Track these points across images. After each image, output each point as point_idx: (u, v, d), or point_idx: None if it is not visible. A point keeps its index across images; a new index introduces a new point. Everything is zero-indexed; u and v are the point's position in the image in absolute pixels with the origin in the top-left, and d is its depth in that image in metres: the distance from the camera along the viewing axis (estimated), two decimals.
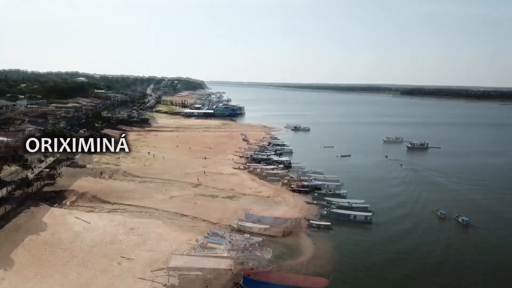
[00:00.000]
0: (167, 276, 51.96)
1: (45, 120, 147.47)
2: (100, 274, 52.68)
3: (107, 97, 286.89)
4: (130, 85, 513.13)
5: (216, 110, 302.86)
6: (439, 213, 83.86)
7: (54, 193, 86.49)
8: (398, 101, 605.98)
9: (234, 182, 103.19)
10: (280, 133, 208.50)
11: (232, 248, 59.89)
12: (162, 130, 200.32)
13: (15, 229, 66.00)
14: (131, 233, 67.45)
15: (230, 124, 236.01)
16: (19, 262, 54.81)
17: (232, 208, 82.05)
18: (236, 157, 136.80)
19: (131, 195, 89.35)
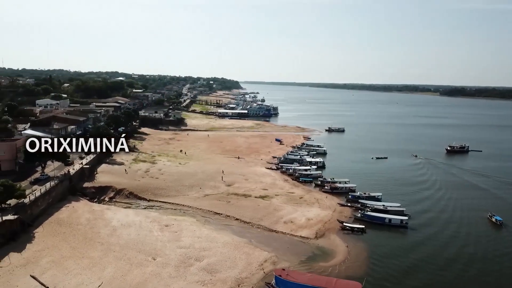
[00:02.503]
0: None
1: (86, 118, 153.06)
2: (135, 269, 54.26)
3: (144, 97, 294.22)
4: (166, 84, 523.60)
5: (250, 110, 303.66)
6: (494, 219, 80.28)
7: (93, 189, 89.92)
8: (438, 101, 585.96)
9: (267, 182, 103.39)
10: (314, 134, 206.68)
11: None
12: (196, 130, 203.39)
13: (57, 223, 69.12)
14: (166, 229, 69.03)
15: (263, 125, 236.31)
16: (61, 254, 57.33)
17: (264, 208, 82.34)
18: (269, 157, 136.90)
19: (166, 192, 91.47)
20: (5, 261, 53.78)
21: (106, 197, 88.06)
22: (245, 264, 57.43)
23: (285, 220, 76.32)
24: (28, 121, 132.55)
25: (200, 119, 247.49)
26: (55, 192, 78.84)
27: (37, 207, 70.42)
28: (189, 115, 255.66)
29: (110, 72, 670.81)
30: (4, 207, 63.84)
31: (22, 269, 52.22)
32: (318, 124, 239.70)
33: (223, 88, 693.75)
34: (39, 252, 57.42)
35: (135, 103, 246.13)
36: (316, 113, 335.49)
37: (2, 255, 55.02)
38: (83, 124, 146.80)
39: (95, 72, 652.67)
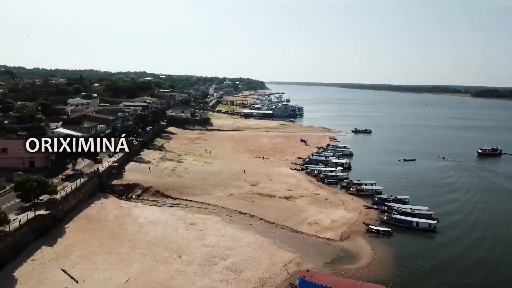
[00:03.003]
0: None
1: (115, 117, 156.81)
2: (161, 266, 55.14)
3: (171, 96, 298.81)
4: (193, 84, 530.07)
5: (275, 110, 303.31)
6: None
7: (121, 186, 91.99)
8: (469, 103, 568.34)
9: (291, 182, 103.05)
10: (340, 135, 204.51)
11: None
12: (222, 130, 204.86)
13: (87, 218, 71.10)
14: (191, 228, 69.86)
15: (288, 125, 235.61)
16: (90, 249, 58.92)
17: (289, 209, 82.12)
18: (294, 158, 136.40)
19: (192, 191, 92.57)
20: (37, 254, 55.70)
21: (133, 194, 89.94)
22: (269, 264, 57.43)
23: (310, 222, 75.86)
24: (60, 120, 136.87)
25: (225, 119, 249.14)
26: (85, 189, 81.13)
27: (68, 203, 72.68)
28: (215, 115, 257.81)
29: (138, 72, 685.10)
30: (37, 202, 66.11)
31: (53, 262, 53.95)
32: (344, 125, 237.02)
33: (249, 88, 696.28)
34: (69, 246, 59.18)
35: (163, 102, 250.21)
36: (342, 113, 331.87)
37: (35, 249, 56.99)
38: (112, 123, 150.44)
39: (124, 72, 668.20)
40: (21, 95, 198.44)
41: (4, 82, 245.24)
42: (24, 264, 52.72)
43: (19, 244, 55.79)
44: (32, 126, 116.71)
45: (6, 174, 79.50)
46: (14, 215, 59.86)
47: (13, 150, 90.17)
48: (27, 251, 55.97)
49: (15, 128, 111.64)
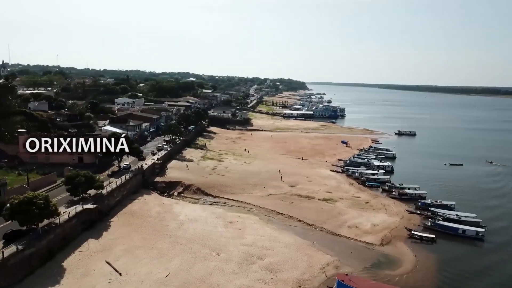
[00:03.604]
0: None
1: (159, 116, 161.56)
2: (200, 262, 56.17)
3: (213, 97, 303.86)
4: (234, 85, 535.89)
5: (316, 111, 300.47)
6: None
7: (164, 183, 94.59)
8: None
9: (331, 185, 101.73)
10: (383, 137, 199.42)
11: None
12: (261, 130, 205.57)
13: (130, 214, 73.73)
14: (230, 226, 70.68)
15: (329, 126, 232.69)
16: (133, 243, 61.03)
17: (328, 211, 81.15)
18: (334, 159, 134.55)
19: (231, 190, 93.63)
20: (84, 246, 58.42)
21: (175, 191, 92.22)
22: (306, 266, 57.03)
23: (349, 225, 74.58)
24: (107, 118, 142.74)
25: (265, 120, 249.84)
26: (129, 185, 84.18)
27: (113, 198, 75.71)
28: (255, 115, 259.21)
29: (182, 73, 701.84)
30: (85, 197, 69.34)
31: (98, 254, 56.36)
32: (387, 127, 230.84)
33: (289, 89, 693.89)
34: (114, 240, 61.60)
35: (205, 103, 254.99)
36: (385, 115, 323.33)
37: (82, 241, 59.82)
38: (156, 122, 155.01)
39: (168, 72, 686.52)
40: (72, 94, 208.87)
41: (57, 82, 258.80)
42: (72, 255, 55.43)
43: (67, 235, 58.75)
44: (82, 123, 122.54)
45: (58, 169, 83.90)
46: (63, 208, 63.08)
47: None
48: (74, 243, 58.81)
49: (66, 126, 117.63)
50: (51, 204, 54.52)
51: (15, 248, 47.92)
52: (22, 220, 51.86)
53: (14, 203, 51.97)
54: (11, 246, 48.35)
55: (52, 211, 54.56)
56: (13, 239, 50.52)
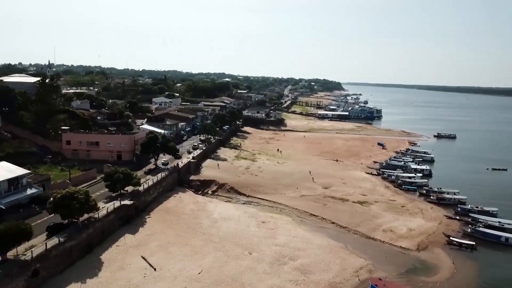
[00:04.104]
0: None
1: (195, 116, 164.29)
2: (232, 261, 56.69)
3: (248, 97, 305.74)
4: (269, 85, 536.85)
5: (351, 112, 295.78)
6: None
7: (198, 182, 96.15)
8: None
9: (366, 187, 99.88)
10: (421, 139, 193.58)
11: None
12: (295, 130, 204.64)
13: (165, 211, 75.44)
14: (262, 226, 70.87)
15: (365, 128, 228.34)
16: (167, 240, 62.43)
17: (362, 214, 79.75)
18: (369, 162, 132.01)
19: (264, 189, 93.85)
20: (121, 240, 60.34)
21: (209, 190, 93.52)
22: (339, 268, 56.31)
23: (384, 228, 72.96)
24: (145, 117, 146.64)
25: (299, 120, 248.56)
26: (165, 183, 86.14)
27: (149, 195, 77.73)
28: (289, 116, 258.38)
29: (217, 74, 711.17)
30: (123, 193, 71.57)
31: (134, 249, 58.06)
32: (426, 129, 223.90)
33: (324, 89, 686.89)
34: (149, 236, 63.25)
35: (239, 103, 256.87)
36: (424, 117, 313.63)
37: (119, 235, 61.81)
38: (192, 121, 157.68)
39: (204, 73, 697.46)
40: (112, 94, 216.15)
41: (98, 82, 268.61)
42: (110, 248, 57.41)
43: (106, 230, 60.91)
44: (121, 122, 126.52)
45: (97, 165, 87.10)
46: (102, 203, 65.36)
47: (103, 143, 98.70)
48: (112, 237, 60.85)
49: (106, 124, 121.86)
50: (91, 199, 56.65)
51: (57, 240, 50.24)
52: (64, 213, 54.23)
53: (57, 197, 54.43)
54: (53, 238, 50.75)
55: (92, 206, 56.68)
56: (55, 231, 53.00)
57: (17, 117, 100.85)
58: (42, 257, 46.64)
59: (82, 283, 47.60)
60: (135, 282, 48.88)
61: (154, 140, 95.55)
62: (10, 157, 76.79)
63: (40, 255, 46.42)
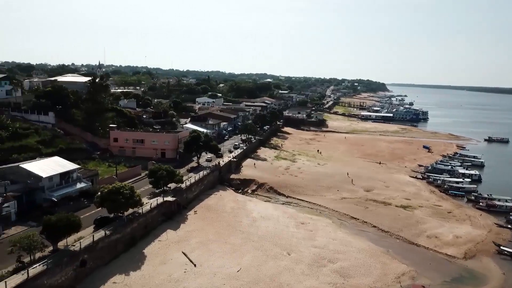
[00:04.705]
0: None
1: (236, 116, 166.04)
2: (271, 261, 56.75)
3: (289, 98, 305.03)
4: (310, 86, 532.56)
5: (396, 114, 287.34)
6: None
7: (239, 181, 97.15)
8: None
9: (410, 191, 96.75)
10: (470, 143, 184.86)
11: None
12: (337, 131, 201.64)
13: (206, 208, 76.80)
14: (302, 227, 70.45)
15: (410, 130, 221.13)
16: (207, 237, 63.51)
17: (405, 219, 77.32)
18: (414, 165, 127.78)
19: (303, 190, 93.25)
20: (163, 236, 62.08)
21: (249, 189, 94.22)
22: (380, 273, 54.93)
23: (429, 234, 70.36)
24: (188, 116, 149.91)
25: (341, 121, 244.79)
26: (206, 181, 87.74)
27: (191, 192, 79.48)
28: (330, 117, 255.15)
29: (259, 74, 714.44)
30: (166, 189, 73.61)
31: (176, 245, 59.54)
32: (476, 132, 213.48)
33: (368, 90, 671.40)
34: (190, 232, 64.62)
35: (280, 103, 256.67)
36: (473, 120, 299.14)
37: (161, 231, 63.61)
38: (233, 121, 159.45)
39: (247, 74, 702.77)
40: (157, 93, 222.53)
41: (144, 82, 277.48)
42: (152, 243, 59.21)
43: (149, 225, 62.91)
44: (165, 121, 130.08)
45: (142, 162, 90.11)
46: (146, 199, 67.58)
47: (148, 141, 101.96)
48: (155, 232, 62.73)
49: (151, 122, 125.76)
50: (136, 195, 58.69)
51: (104, 233, 52.50)
52: (110, 207, 56.59)
53: (104, 192, 56.93)
54: (100, 231, 53.09)
55: (136, 201, 58.72)
56: (102, 224, 55.42)
57: (69, 115, 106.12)
58: (90, 248, 48.93)
59: (126, 275, 49.43)
60: (176, 276, 50.13)
61: (197, 139, 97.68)
62: (62, 153, 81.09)
63: (88, 246, 48.71)
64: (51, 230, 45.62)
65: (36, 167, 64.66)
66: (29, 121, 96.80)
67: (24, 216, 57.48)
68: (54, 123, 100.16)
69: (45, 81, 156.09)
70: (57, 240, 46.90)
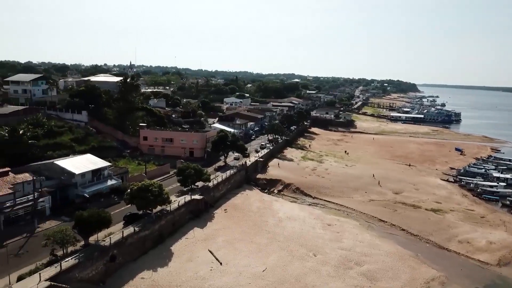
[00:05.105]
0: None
1: (263, 116, 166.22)
2: (296, 261, 56.53)
3: (317, 98, 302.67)
4: (339, 86, 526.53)
5: (427, 115, 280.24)
6: None
7: (265, 180, 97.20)
8: None
9: (441, 194, 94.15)
10: (506, 146, 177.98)
11: None
12: (366, 132, 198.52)
13: (233, 207, 77.26)
14: (328, 228, 69.80)
15: (441, 132, 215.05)
16: (234, 236, 63.89)
17: (436, 223, 75.27)
18: (446, 168, 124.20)
19: (330, 192, 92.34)
20: (190, 233, 62.89)
21: (275, 189, 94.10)
22: (408, 278, 53.72)
23: (460, 239, 68.24)
24: (216, 116, 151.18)
25: (370, 122, 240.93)
26: (233, 180, 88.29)
27: (218, 191, 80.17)
28: (359, 117, 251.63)
29: (287, 74, 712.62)
30: (193, 188, 74.54)
31: (202, 243, 60.21)
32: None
33: (398, 90, 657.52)
34: (217, 231, 65.19)
35: (308, 103, 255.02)
36: (509, 122, 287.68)
37: (188, 228, 64.45)
38: (260, 121, 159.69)
39: (274, 74, 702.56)
40: (186, 93, 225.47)
41: (174, 82, 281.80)
42: (180, 240, 60.11)
43: (176, 222, 63.88)
44: (194, 120, 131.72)
45: (171, 161, 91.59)
46: (174, 196, 68.63)
47: (177, 140, 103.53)
48: (182, 230, 63.63)
49: (180, 122, 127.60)
50: (164, 192, 59.74)
51: (133, 229, 53.71)
52: (140, 204, 57.85)
53: (133, 189, 58.27)
54: (129, 227, 54.36)
55: (165, 199, 59.77)
56: (131, 221, 56.74)
57: (101, 114, 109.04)
58: (119, 244, 50.19)
59: (154, 271, 50.39)
60: (202, 274, 50.70)
61: (224, 138, 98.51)
62: (94, 150, 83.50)
63: (117, 242, 49.99)
64: (83, 225, 47.13)
65: (69, 164, 66.91)
66: (63, 120, 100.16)
67: (58, 211, 59.62)
68: (87, 121, 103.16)
69: (79, 81, 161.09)
70: (88, 235, 48.37)
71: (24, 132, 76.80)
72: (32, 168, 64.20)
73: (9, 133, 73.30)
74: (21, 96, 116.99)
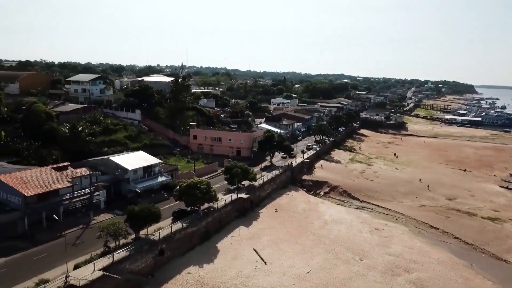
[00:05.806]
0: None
1: (310, 117, 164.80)
2: (342, 265, 55.58)
3: (367, 99, 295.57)
4: (390, 87, 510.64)
5: (485, 118, 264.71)
6: None
7: (311, 182, 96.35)
8: None
9: (499, 202, 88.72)
10: None
11: None
12: (417, 135, 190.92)
13: (278, 207, 77.32)
14: (376, 233, 68.01)
15: (501, 136, 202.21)
16: (278, 236, 63.93)
17: (493, 232, 70.99)
18: (505, 174, 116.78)
19: (379, 196, 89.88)
20: (236, 232, 63.74)
21: (321, 191, 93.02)
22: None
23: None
24: (263, 116, 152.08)
25: (423, 124, 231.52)
26: (279, 180, 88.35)
27: (264, 191, 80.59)
28: (411, 120, 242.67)
29: (336, 75, 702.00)
30: (240, 187, 75.43)
31: (248, 241, 60.80)
32: None
33: (454, 92, 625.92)
34: (262, 230, 65.57)
35: (357, 104, 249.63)
36: None
37: (234, 227, 65.37)
38: (307, 122, 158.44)
39: (323, 74, 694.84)
40: (235, 94, 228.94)
41: (223, 82, 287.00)
42: (225, 238, 61.09)
43: (223, 220, 65.00)
44: (242, 120, 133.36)
45: (219, 159, 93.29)
46: (221, 194, 69.84)
47: (225, 139, 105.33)
48: (228, 227, 64.65)
49: (228, 121, 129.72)
50: (212, 190, 60.95)
51: (181, 225, 55.29)
52: (188, 201, 59.43)
53: (182, 186, 59.97)
54: (177, 223, 56.02)
55: (212, 196, 60.97)
56: (179, 217, 58.46)
57: (154, 113, 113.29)
58: (168, 239, 51.90)
59: (200, 267, 51.61)
60: (246, 272, 51.21)
61: (271, 138, 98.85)
62: (146, 148, 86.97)
63: (166, 237, 51.73)
64: (134, 219, 49.21)
65: (123, 160, 70.08)
66: (118, 118, 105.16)
67: (111, 205, 62.72)
68: (140, 120, 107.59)
69: (133, 81, 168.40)
70: (139, 229, 50.41)
71: (82, 129, 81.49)
72: (89, 163, 67.99)
73: (69, 130, 78.10)
74: (80, 95, 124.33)
